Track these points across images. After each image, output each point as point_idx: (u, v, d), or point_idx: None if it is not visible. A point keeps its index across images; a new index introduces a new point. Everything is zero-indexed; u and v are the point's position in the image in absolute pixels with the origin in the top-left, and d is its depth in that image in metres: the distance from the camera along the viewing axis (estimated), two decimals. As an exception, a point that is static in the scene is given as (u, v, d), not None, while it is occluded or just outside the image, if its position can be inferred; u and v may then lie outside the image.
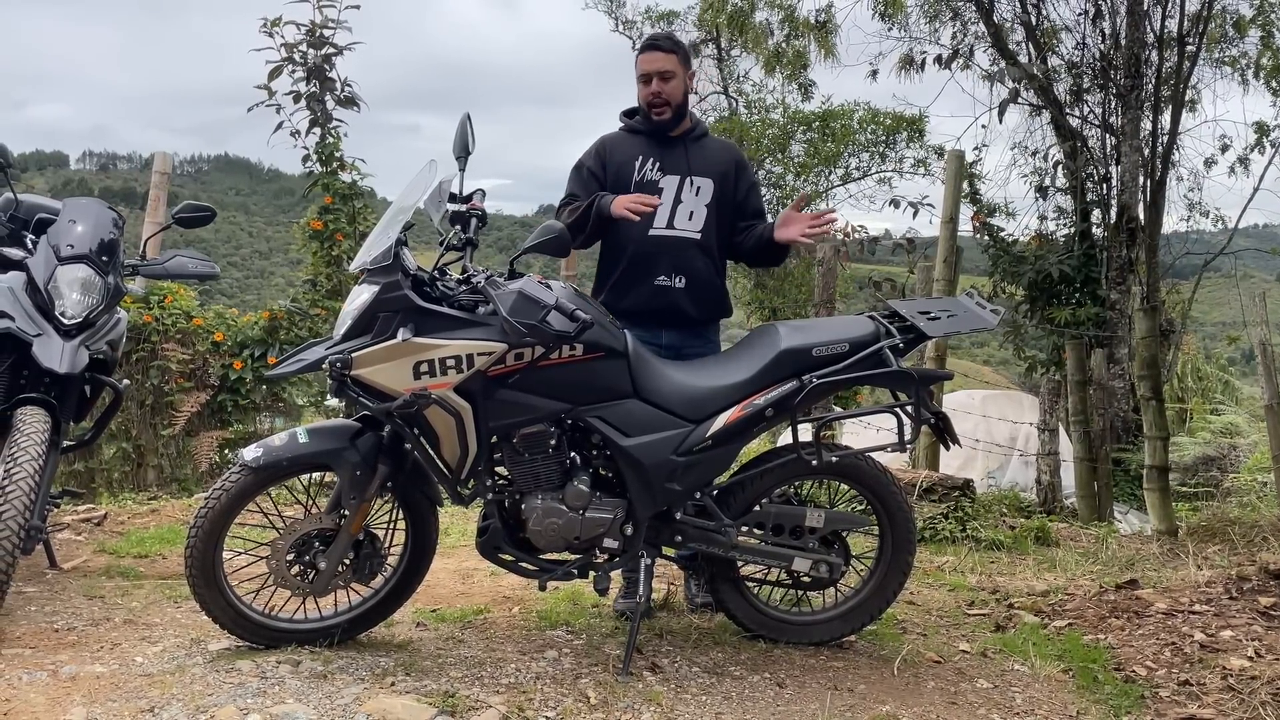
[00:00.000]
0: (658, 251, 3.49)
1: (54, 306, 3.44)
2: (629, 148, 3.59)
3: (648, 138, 3.58)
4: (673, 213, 3.51)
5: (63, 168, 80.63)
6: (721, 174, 3.58)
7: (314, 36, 6.21)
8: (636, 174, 3.53)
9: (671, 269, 3.49)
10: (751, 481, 3.19)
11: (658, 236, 3.49)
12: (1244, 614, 3.60)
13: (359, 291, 2.87)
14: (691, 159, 3.56)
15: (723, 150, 3.70)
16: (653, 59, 3.50)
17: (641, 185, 3.51)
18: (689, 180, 3.53)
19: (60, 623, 3.30)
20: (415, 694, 2.73)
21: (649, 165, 3.54)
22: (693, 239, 3.51)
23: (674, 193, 3.52)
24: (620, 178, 3.55)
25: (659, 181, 3.52)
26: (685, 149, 3.57)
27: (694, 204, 3.52)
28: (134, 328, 5.95)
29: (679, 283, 3.49)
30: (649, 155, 3.55)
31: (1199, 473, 8.53)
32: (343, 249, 6.29)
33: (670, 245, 3.50)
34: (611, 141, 3.64)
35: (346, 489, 2.96)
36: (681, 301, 3.50)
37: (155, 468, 6.15)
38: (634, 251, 3.49)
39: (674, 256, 3.49)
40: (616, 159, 3.57)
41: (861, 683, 3.03)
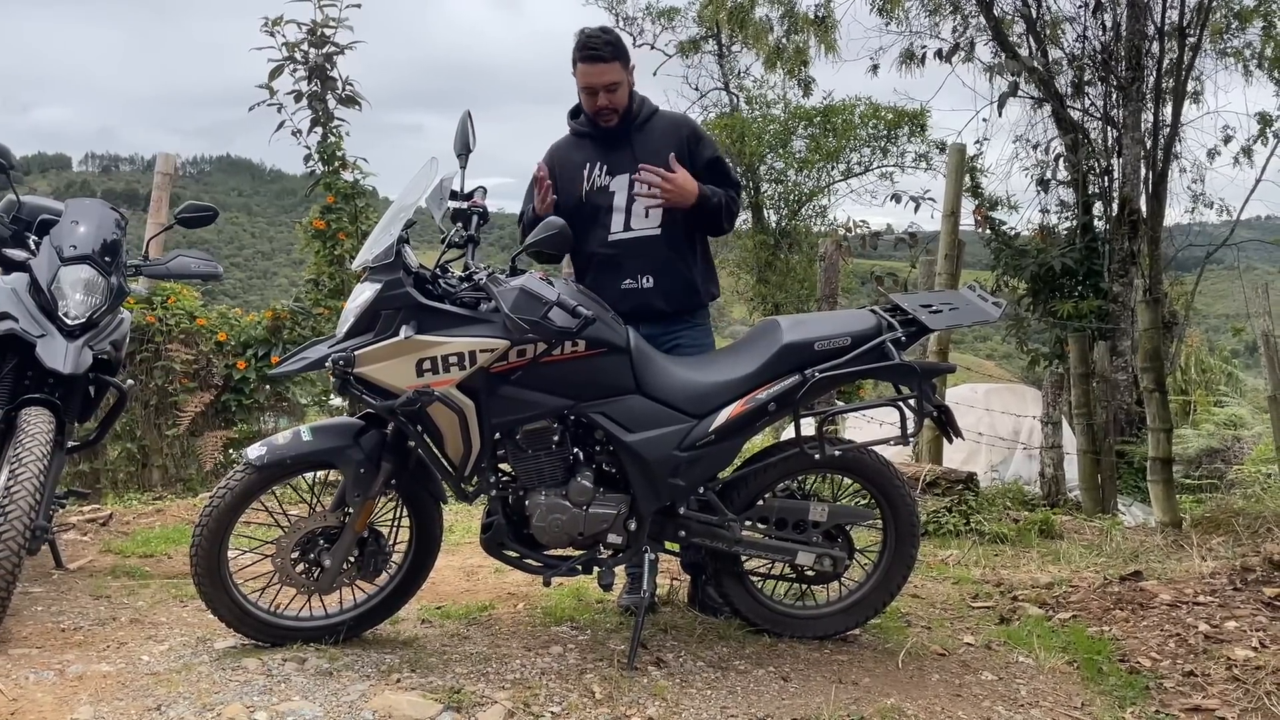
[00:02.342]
0: (621, 255, 3.40)
1: (57, 307, 3.45)
2: (575, 155, 3.47)
3: (593, 140, 3.46)
4: (628, 214, 3.40)
5: (65, 170, 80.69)
6: (676, 155, 3.38)
7: (315, 36, 6.22)
8: (585, 183, 3.42)
9: (638, 271, 3.40)
10: (755, 476, 3.19)
11: (618, 240, 3.41)
12: (1248, 605, 3.60)
13: (361, 290, 2.88)
14: (637, 152, 3.38)
15: (671, 130, 3.49)
16: (595, 71, 3.31)
17: (591, 194, 3.41)
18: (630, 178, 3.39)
19: (66, 622, 3.31)
20: (421, 690, 2.74)
21: (597, 171, 3.42)
22: (654, 235, 3.40)
23: (626, 193, 3.39)
24: (569, 191, 3.43)
25: (609, 185, 3.40)
26: (630, 142, 3.42)
27: (646, 200, 3.37)
28: (138, 328, 5.97)
29: (647, 282, 3.40)
30: (595, 159, 3.43)
31: (1203, 465, 8.53)
32: (345, 248, 6.30)
33: (633, 247, 3.40)
34: (558, 151, 3.53)
35: (350, 487, 2.96)
36: (652, 299, 3.41)
37: (160, 468, 6.17)
38: (599, 259, 3.42)
39: (638, 258, 3.40)
40: (566, 172, 3.45)
41: (866, 676, 3.04)
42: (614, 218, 3.40)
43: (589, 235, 3.40)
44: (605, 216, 3.40)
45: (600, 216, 3.41)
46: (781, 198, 16.12)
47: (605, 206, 3.41)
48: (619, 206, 3.40)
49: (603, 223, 3.40)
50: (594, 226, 3.41)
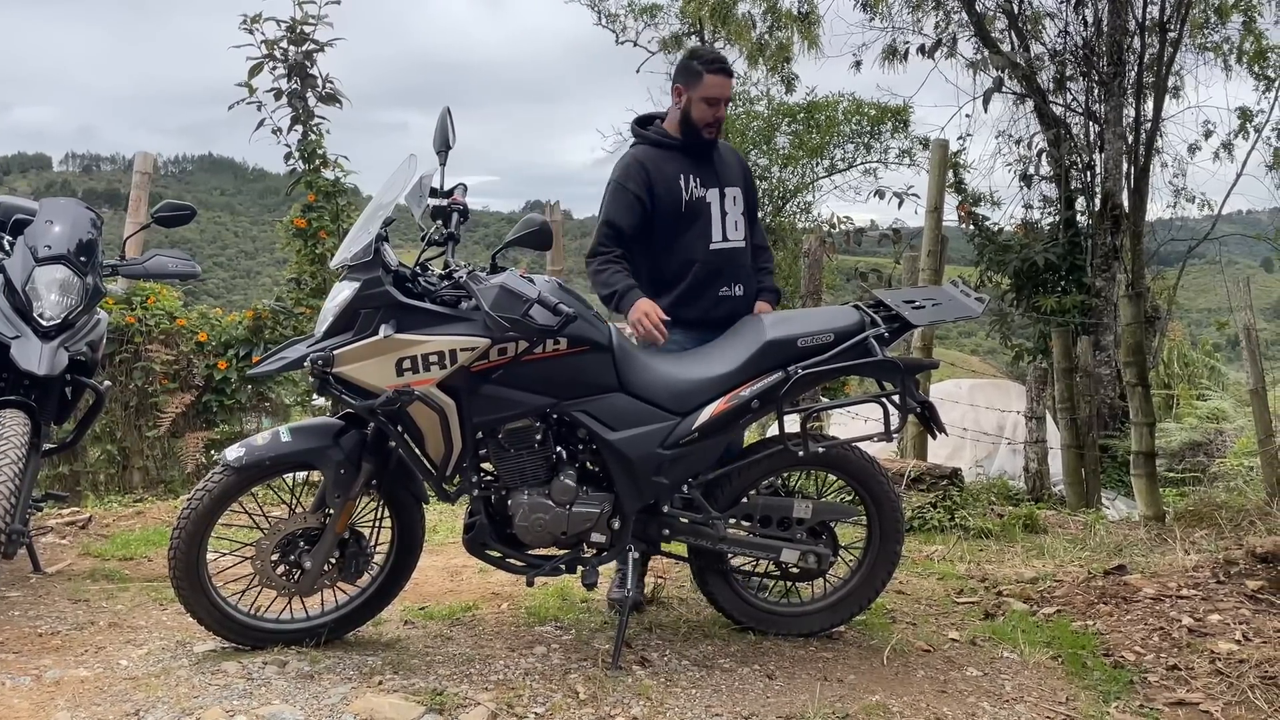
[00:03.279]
0: (720, 265, 3.51)
1: (32, 308, 3.41)
2: (669, 166, 3.50)
3: (681, 151, 3.52)
4: (723, 225, 3.53)
5: (46, 170, 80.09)
6: (743, 179, 3.65)
7: (294, 33, 6.16)
8: (685, 193, 3.48)
9: (732, 280, 3.53)
10: (739, 473, 3.18)
11: (718, 250, 3.51)
12: (1231, 598, 3.61)
13: (340, 288, 2.85)
14: (720, 169, 3.57)
15: (734, 154, 3.76)
16: (723, 84, 3.47)
17: (691, 204, 3.49)
18: (725, 191, 3.54)
19: (44, 626, 3.27)
20: (403, 692, 2.72)
21: (693, 182, 3.50)
22: (741, 248, 3.57)
23: (719, 205, 3.53)
24: (670, 200, 3.47)
25: (705, 196, 3.51)
26: (713, 159, 3.58)
27: (734, 213, 3.55)
28: (117, 329, 5.91)
29: (738, 291, 3.52)
30: (688, 171, 3.50)
31: (1186, 458, 8.56)
32: (326, 247, 6.24)
33: (728, 257, 3.53)
34: (649, 161, 3.51)
35: (331, 487, 2.94)
36: (740, 308, 3.51)
37: (140, 470, 6.11)
38: (699, 267, 3.47)
39: (732, 268, 3.54)
40: (662, 181, 3.47)
41: (851, 673, 3.03)
42: (713, 228, 3.51)
43: (689, 243, 3.49)
44: (705, 226, 3.50)
45: (700, 226, 3.50)
46: (765, 194, 16.12)
47: (704, 217, 3.51)
48: (717, 218, 3.52)
49: (703, 232, 3.50)
50: (694, 235, 3.49)
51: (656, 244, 3.48)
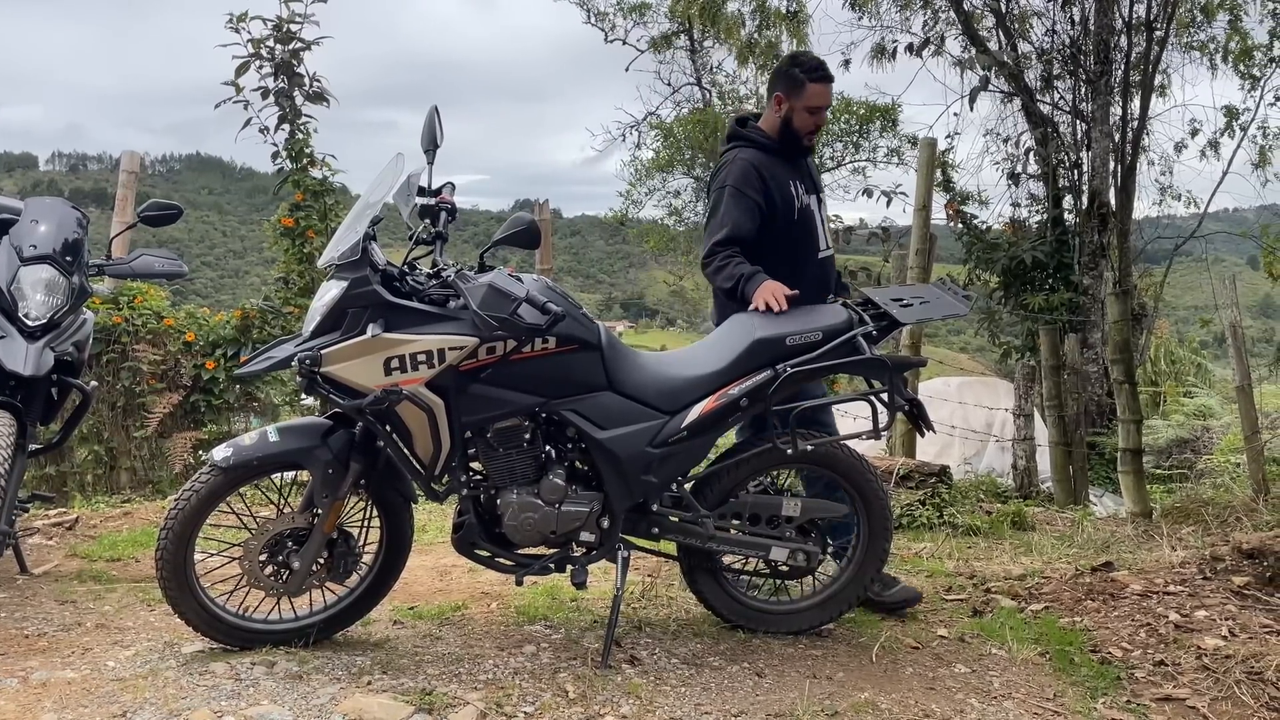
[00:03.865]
0: (824, 272, 3.56)
1: (17, 308, 3.39)
2: (779, 170, 3.48)
3: (782, 156, 3.51)
4: (822, 233, 3.56)
5: (32, 169, 79.67)
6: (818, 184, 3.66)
7: (281, 32, 6.14)
8: (797, 200, 3.48)
9: (830, 288, 3.59)
10: (728, 472, 3.19)
11: (824, 259, 3.57)
12: (1218, 594, 3.63)
13: (327, 288, 2.84)
14: (812, 176, 3.61)
15: (810, 162, 3.74)
16: (825, 93, 3.47)
17: (803, 211, 3.49)
18: (819, 198, 3.58)
19: (31, 628, 3.26)
20: (392, 692, 2.71)
21: (799, 189, 3.50)
22: (832, 255, 3.64)
23: (818, 212, 3.55)
24: (785, 207, 3.45)
25: (809, 204, 3.52)
26: (806, 166, 3.61)
27: (824, 221, 3.59)
28: (104, 329, 5.88)
29: (832, 299, 3.52)
30: (793, 177, 3.51)
31: (1173, 455, 8.60)
32: (314, 246, 6.23)
33: (829, 264, 3.61)
34: (762, 166, 3.46)
35: (319, 487, 2.93)
36: None
37: (128, 470, 6.09)
38: (810, 274, 3.47)
39: (830, 276, 3.60)
40: (778, 188, 3.45)
41: (840, 670, 3.04)
42: (818, 236, 3.56)
43: (802, 251, 3.50)
44: (812, 235, 3.53)
45: (809, 235, 3.52)
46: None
47: (811, 225, 3.53)
48: (818, 225, 3.56)
49: (811, 241, 3.51)
50: (805, 244, 3.50)
51: (768, 252, 3.40)
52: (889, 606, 3.54)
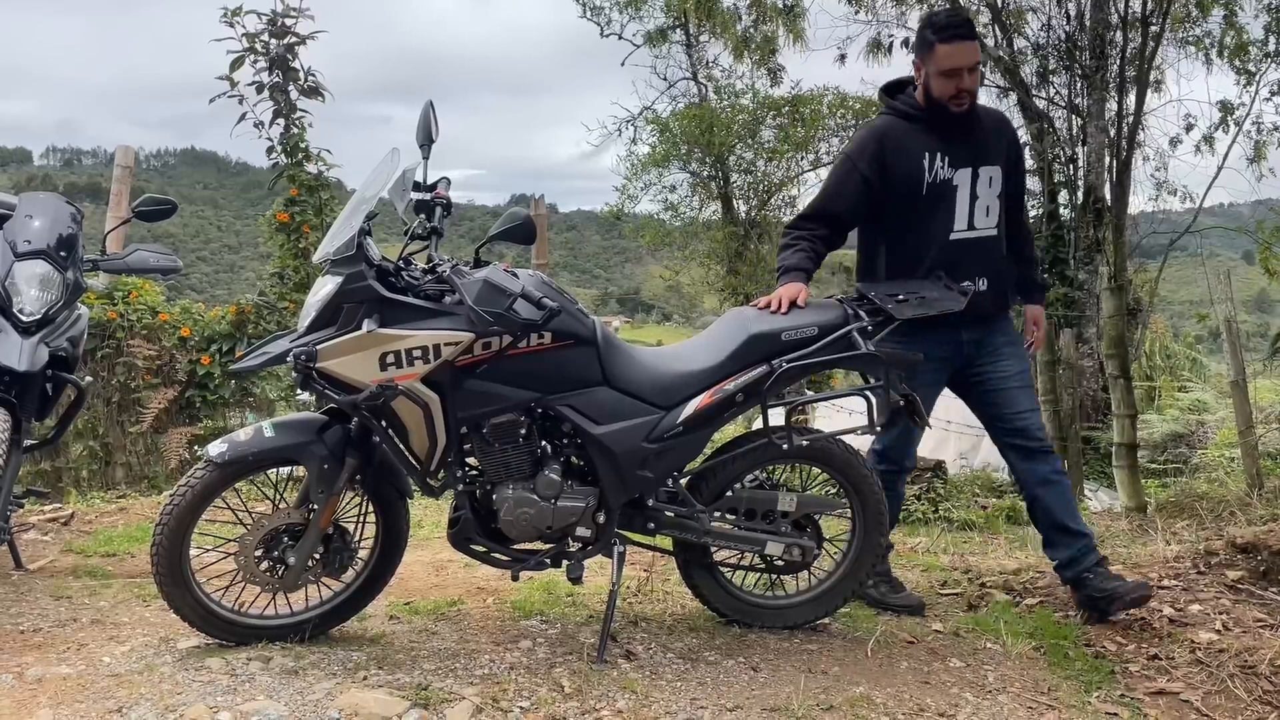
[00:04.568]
0: (960, 256, 3.24)
1: (11, 303, 3.38)
2: (913, 142, 3.22)
3: (930, 125, 3.23)
4: (971, 211, 3.22)
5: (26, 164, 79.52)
6: (1007, 156, 3.31)
7: (275, 26, 6.14)
8: (928, 174, 3.20)
9: (976, 272, 3.24)
10: (723, 467, 3.19)
11: (960, 240, 3.24)
12: (1212, 588, 3.65)
13: (323, 283, 2.84)
14: (975, 145, 3.25)
15: (998, 126, 3.37)
16: (961, 52, 3.13)
17: (936, 187, 3.19)
18: (979, 171, 3.22)
19: (26, 624, 3.25)
20: (388, 687, 2.71)
21: (939, 162, 3.20)
22: (991, 237, 3.27)
23: (969, 188, 3.22)
24: (909, 181, 3.20)
25: (952, 179, 3.21)
26: (968, 134, 3.24)
27: (988, 197, 3.24)
28: (98, 324, 5.87)
29: (982, 285, 3.26)
30: (935, 148, 3.21)
31: (1167, 450, 8.63)
32: (310, 241, 6.23)
33: (971, 248, 3.24)
34: (891, 136, 3.24)
35: (314, 483, 2.93)
36: (984, 304, 3.30)
37: (124, 466, 6.08)
38: (936, 259, 3.23)
39: (977, 259, 3.24)
40: (902, 158, 3.21)
41: (836, 665, 3.05)
42: (957, 214, 3.22)
43: (928, 231, 3.22)
44: (949, 212, 3.21)
45: (943, 211, 3.22)
46: (751, 188, 16.14)
47: (948, 200, 3.22)
48: (963, 203, 3.22)
49: (945, 219, 3.21)
50: (935, 222, 3.21)
51: (891, 228, 3.23)
52: (892, 609, 3.55)
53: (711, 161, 15.92)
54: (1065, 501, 3.40)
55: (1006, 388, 3.37)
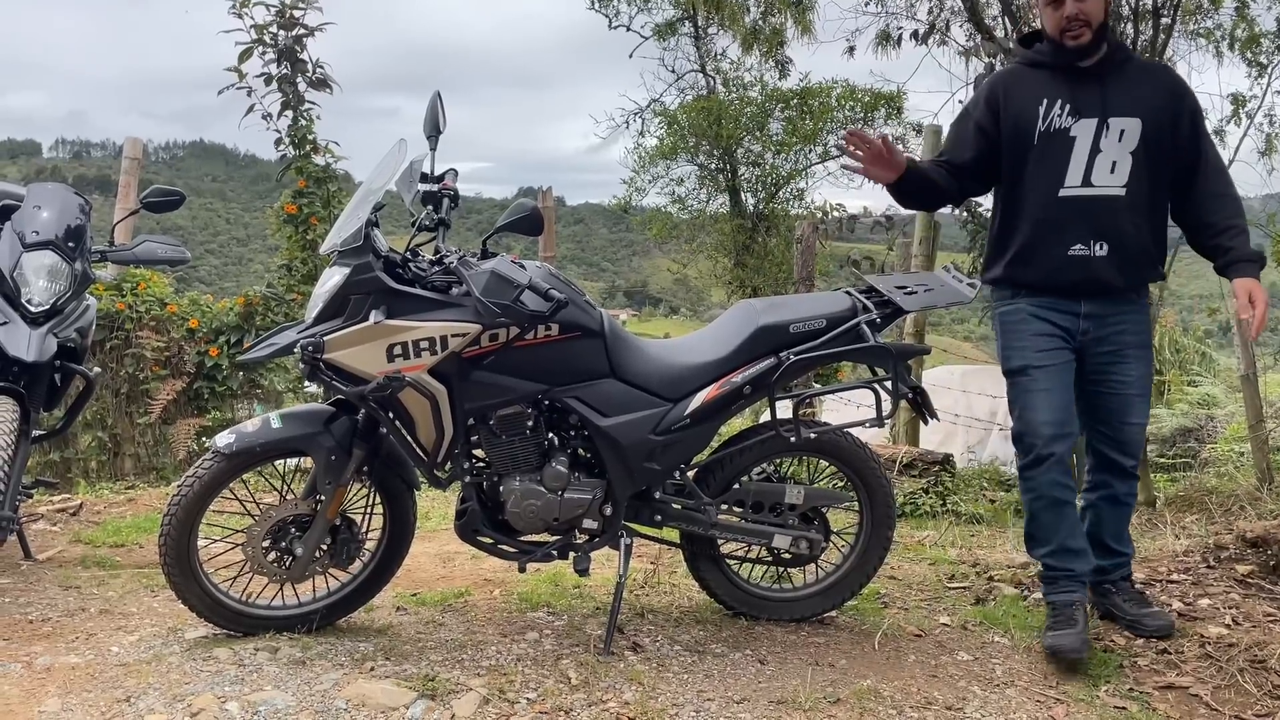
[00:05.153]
0: (1072, 216, 2.94)
1: (20, 294, 3.39)
2: (1032, 87, 2.98)
3: (1054, 71, 2.97)
4: (1089, 166, 2.91)
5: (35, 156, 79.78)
6: (1152, 108, 2.93)
7: (284, 18, 6.13)
8: (1041, 122, 2.94)
9: (1090, 234, 2.93)
10: (731, 459, 3.18)
11: (1071, 197, 2.94)
12: (1221, 582, 3.63)
13: (330, 274, 2.83)
14: (1110, 94, 2.93)
15: (1153, 77, 3.04)
16: None
17: (1049, 136, 2.93)
18: (1109, 122, 2.91)
19: (35, 614, 3.27)
20: (395, 678, 2.72)
21: (1057, 109, 2.93)
22: (1115, 196, 2.92)
23: (1090, 140, 2.91)
24: (1020, 128, 2.97)
25: (1070, 129, 2.91)
26: (1102, 82, 2.94)
27: (1116, 152, 2.90)
28: (107, 315, 5.89)
29: (1100, 249, 2.93)
30: (1057, 95, 2.94)
31: (1177, 444, 8.59)
32: (317, 233, 6.23)
33: (1087, 206, 2.93)
34: (1009, 81, 3.03)
35: (321, 474, 2.93)
36: (1104, 271, 2.96)
37: (132, 456, 6.10)
38: (1040, 217, 2.97)
39: (1093, 220, 2.93)
40: (1015, 104, 2.98)
41: (843, 658, 3.04)
42: (1070, 169, 2.92)
43: (1035, 186, 2.97)
44: (1059, 165, 2.93)
45: (1051, 164, 2.94)
46: (759, 180, 16.09)
47: (1062, 153, 2.94)
48: (1079, 156, 2.92)
49: (1051, 173, 2.93)
50: (1040, 176, 2.95)
51: (1007, 180, 3.03)
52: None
53: (719, 154, 15.87)
54: (1121, 523, 3.27)
55: (1124, 393, 3.06)
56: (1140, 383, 3.07)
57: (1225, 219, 2.96)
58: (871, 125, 15.80)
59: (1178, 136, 2.96)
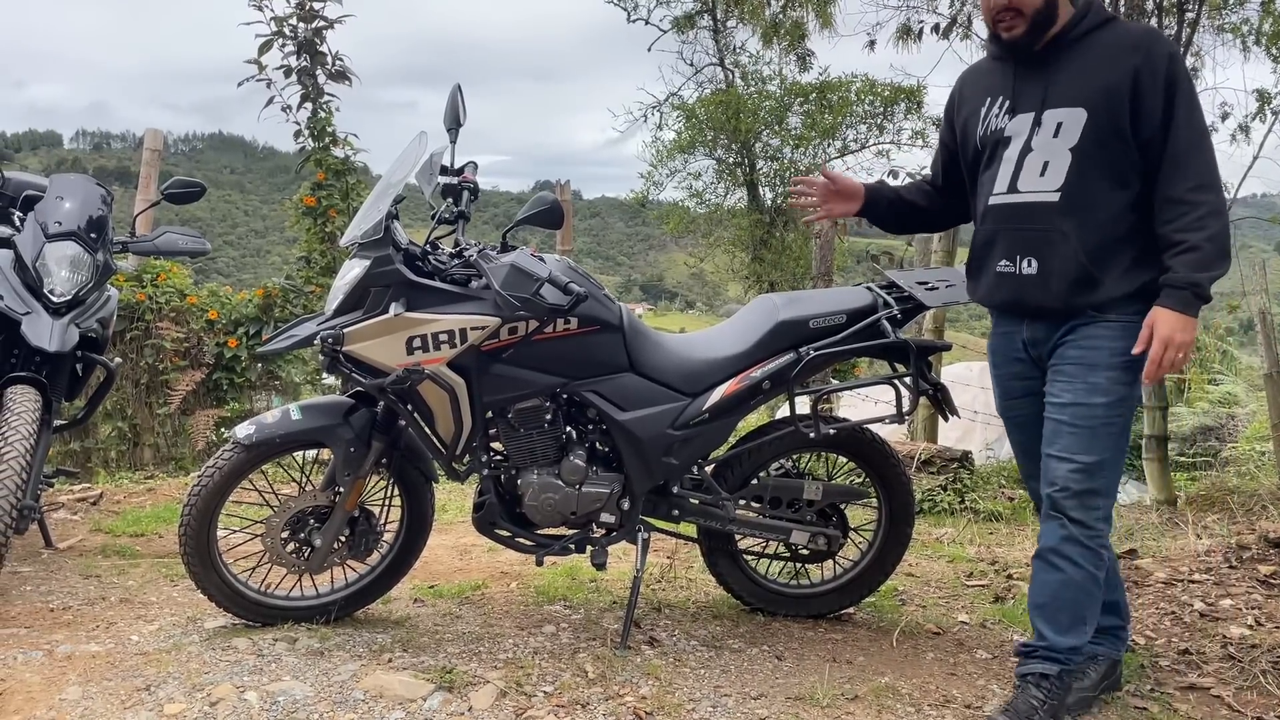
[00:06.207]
0: (998, 228, 2.56)
1: (43, 284, 3.41)
2: (983, 85, 2.63)
3: (1005, 63, 2.56)
4: (1017, 169, 2.50)
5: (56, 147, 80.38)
6: (1103, 91, 2.39)
7: (304, 10, 6.14)
8: (981, 125, 2.58)
9: (1016, 249, 2.52)
10: (749, 455, 3.17)
11: (997, 206, 2.55)
12: (1243, 582, 3.60)
13: (350, 266, 2.84)
14: (1056, 82, 2.45)
15: (1116, 51, 2.40)
16: None
17: (987, 139, 2.57)
18: (1043, 117, 2.46)
19: (56, 602, 3.29)
20: (412, 670, 2.72)
21: (996, 107, 2.55)
22: (1047, 202, 2.46)
23: (1025, 139, 2.49)
24: (967, 134, 2.64)
25: (1005, 128, 2.52)
26: (1050, 68, 2.47)
27: (1049, 150, 2.45)
28: (127, 306, 5.92)
29: (1028, 267, 2.50)
30: (1000, 91, 2.55)
31: (1197, 442, 8.52)
32: (336, 225, 6.24)
33: (1012, 216, 2.52)
34: (965, 81, 2.72)
35: (341, 466, 2.93)
36: (1033, 292, 2.51)
37: (151, 446, 6.14)
38: (977, 230, 2.65)
39: (1017, 233, 2.51)
40: (966, 108, 2.66)
41: (860, 654, 3.03)
42: (1000, 175, 2.53)
43: (979, 198, 2.63)
44: (993, 172, 2.55)
45: (990, 173, 2.57)
46: (777, 175, 16.05)
47: (996, 158, 2.55)
48: (1010, 159, 2.51)
49: (989, 180, 2.56)
50: (983, 186, 2.60)
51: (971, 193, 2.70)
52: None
53: (737, 148, 15.84)
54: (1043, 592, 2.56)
55: (1052, 417, 2.53)
56: (1070, 409, 2.48)
57: (1175, 231, 2.35)
58: (891, 119, 15.73)
59: (1140, 120, 2.38)
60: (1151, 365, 2.36)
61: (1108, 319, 2.47)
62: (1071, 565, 2.49)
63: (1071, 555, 2.49)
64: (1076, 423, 2.47)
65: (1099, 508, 2.49)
